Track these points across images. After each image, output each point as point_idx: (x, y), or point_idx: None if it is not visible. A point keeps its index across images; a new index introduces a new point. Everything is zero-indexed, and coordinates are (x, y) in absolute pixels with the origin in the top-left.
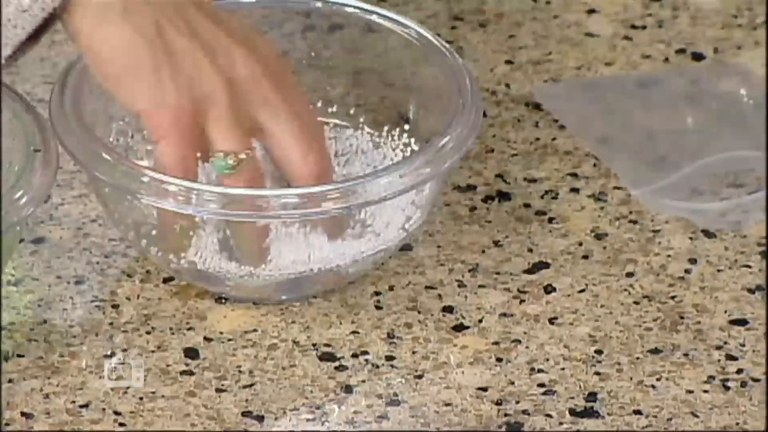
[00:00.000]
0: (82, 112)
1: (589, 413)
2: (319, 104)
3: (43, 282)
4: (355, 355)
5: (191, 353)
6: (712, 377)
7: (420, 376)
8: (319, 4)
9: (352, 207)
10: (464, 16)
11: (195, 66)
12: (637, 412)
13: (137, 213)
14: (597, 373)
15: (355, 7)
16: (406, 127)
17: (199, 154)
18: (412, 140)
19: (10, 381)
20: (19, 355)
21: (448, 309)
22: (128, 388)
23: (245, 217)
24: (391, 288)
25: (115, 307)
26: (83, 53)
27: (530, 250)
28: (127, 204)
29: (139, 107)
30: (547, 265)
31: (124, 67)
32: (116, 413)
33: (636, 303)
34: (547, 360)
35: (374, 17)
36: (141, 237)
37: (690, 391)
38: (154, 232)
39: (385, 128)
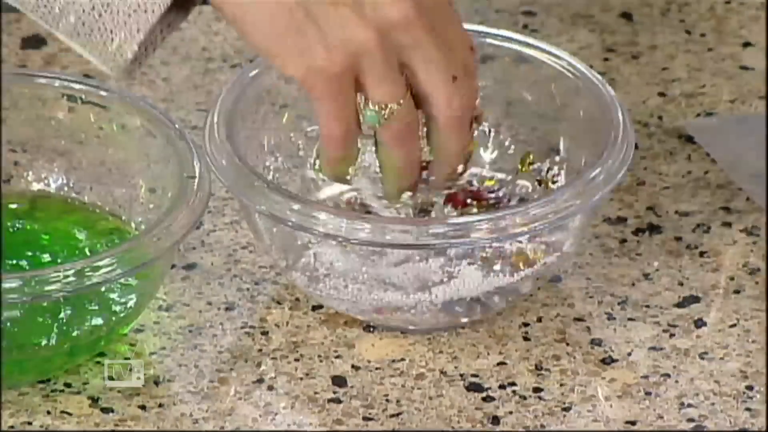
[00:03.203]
0: (234, 139)
1: None
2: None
3: (193, 308)
4: (502, 386)
5: (339, 381)
6: None
7: (567, 409)
8: (480, 33)
9: (501, 238)
10: (617, 48)
11: (341, 21)
12: None
13: (288, 240)
14: (748, 409)
15: (507, 38)
16: (557, 158)
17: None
18: (563, 171)
19: (160, 405)
20: (169, 380)
21: (596, 342)
22: (276, 414)
23: (394, 245)
24: (539, 319)
25: (265, 333)
26: (230, 23)
27: (681, 284)
28: (278, 231)
29: (292, 72)
30: (697, 299)
31: (271, 34)
32: None
33: None
34: (697, 395)
35: (527, 48)
36: (290, 265)
37: None
38: (303, 260)
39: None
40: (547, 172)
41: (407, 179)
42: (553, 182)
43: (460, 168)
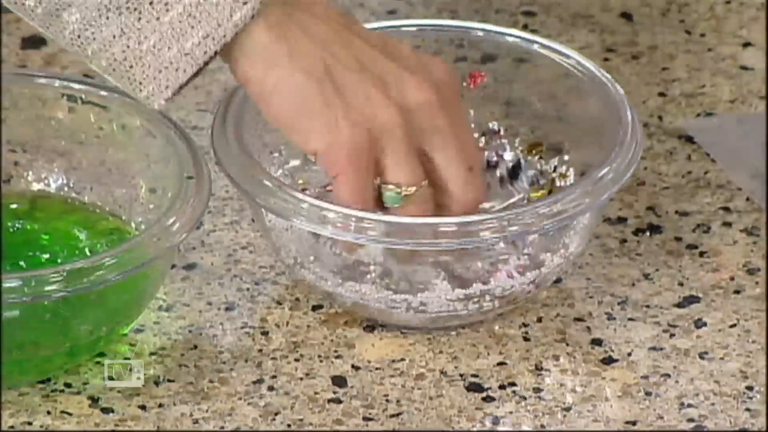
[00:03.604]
0: (243, 138)
1: None
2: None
3: (194, 308)
4: (502, 387)
5: (339, 381)
6: None
7: (567, 409)
8: (480, 33)
9: (509, 236)
10: (617, 48)
11: (367, 100)
12: None
13: (297, 239)
14: (748, 410)
15: (515, 36)
16: (565, 158)
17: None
18: (571, 171)
19: (160, 405)
20: (169, 380)
21: (596, 342)
22: (276, 414)
23: (403, 245)
24: (539, 320)
25: (265, 334)
26: (254, 99)
27: (681, 284)
28: (288, 230)
29: (314, 147)
30: (697, 299)
31: (297, 110)
32: None
33: None
34: (697, 395)
35: (535, 47)
36: (299, 263)
37: None
38: (312, 258)
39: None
40: (554, 171)
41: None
42: (562, 180)
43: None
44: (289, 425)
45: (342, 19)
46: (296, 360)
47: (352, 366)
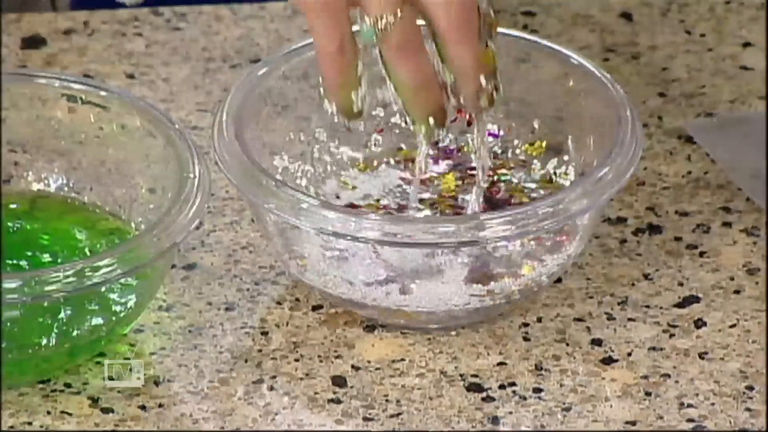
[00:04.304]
0: (243, 138)
1: None
2: None
3: (193, 308)
4: (502, 387)
5: (339, 381)
6: None
7: (568, 409)
8: None
9: (510, 236)
10: (617, 48)
11: None
12: None
13: (297, 240)
14: (748, 410)
15: (515, 36)
16: (565, 157)
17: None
18: (571, 170)
19: (160, 406)
20: (169, 380)
21: (596, 342)
22: (276, 414)
23: (405, 244)
24: (539, 319)
25: (265, 334)
26: None
27: (681, 284)
28: (288, 230)
29: None
30: (697, 300)
31: None
32: None
33: None
34: (697, 395)
35: (535, 47)
36: (300, 264)
37: None
38: (313, 258)
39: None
40: (554, 171)
41: (426, 99)
42: (562, 180)
43: (483, 82)
44: (289, 425)
45: None
46: (296, 360)
47: (352, 366)
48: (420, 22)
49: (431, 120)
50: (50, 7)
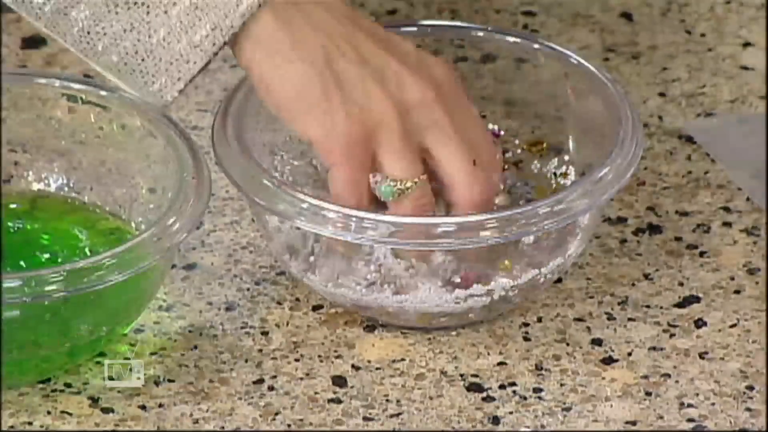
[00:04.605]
0: (243, 138)
1: None
2: None
3: (194, 308)
4: (502, 387)
5: (339, 381)
6: None
7: (568, 409)
8: (480, 33)
9: (510, 236)
10: (617, 48)
11: (365, 92)
12: None
13: (297, 240)
14: (748, 409)
15: (515, 36)
16: (565, 157)
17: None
18: (572, 170)
19: (160, 405)
20: (170, 380)
21: (597, 342)
22: (277, 414)
23: (403, 245)
24: (539, 319)
25: (265, 334)
26: (256, 85)
27: (681, 284)
28: (287, 230)
29: (311, 135)
30: (698, 299)
31: (296, 98)
32: None
33: None
34: (697, 395)
35: (535, 47)
36: (301, 264)
37: None
38: (311, 259)
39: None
40: (555, 171)
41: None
42: (562, 180)
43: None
44: (289, 425)
45: (347, 11)
46: (296, 360)
47: (352, 366)
48: None
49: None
50: None
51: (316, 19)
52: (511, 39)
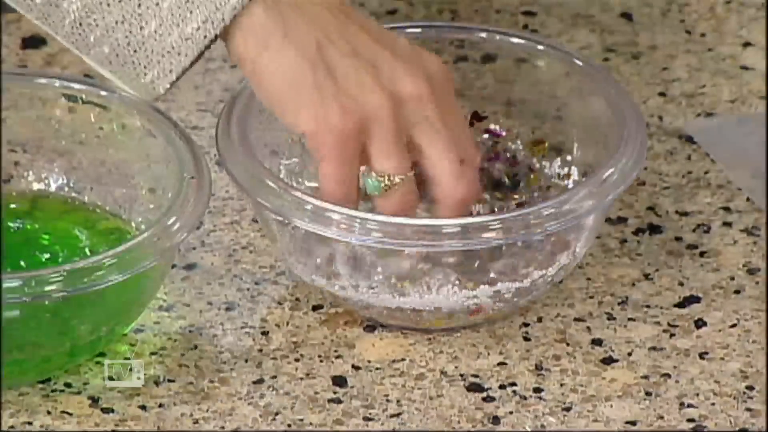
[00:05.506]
0: (247, 140)
1: None
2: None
3: (194, 308)
4: (502, 387)
5: (339, 381)
6: None
7: (568, 409)
8: (480, 33)
9: (514, 238)
10: (617, 48)
11: (358, 84)
12: None
13: (301, 241)
14: (748, 409)
15: (515, 36)
16: (568, 157)
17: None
18: (575, 170)
19: (160, 406)
20: (170, 380)
21: (597, 342)
22: (277, 414)
23: (407, 246)
24: (539, 319)
25: (265, 334)
26: (248, 77)
27: (681, 284)
28: (292, 231)
29: (303, 128)
30: (698, 300)
31: (287, 90)
32: None
33: None
34: (697, 395)
35: (537, 46)
36: (304, 265)
37: None
38: (318, 260)
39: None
40: (558, 171)
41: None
42: (565, 180)
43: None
44: (289, 425)
45: (340, 4)
46: (296, 360)
47: (353, 366)
48: None
49: None
50: None
51: (309, 11)
52: (511, 39)
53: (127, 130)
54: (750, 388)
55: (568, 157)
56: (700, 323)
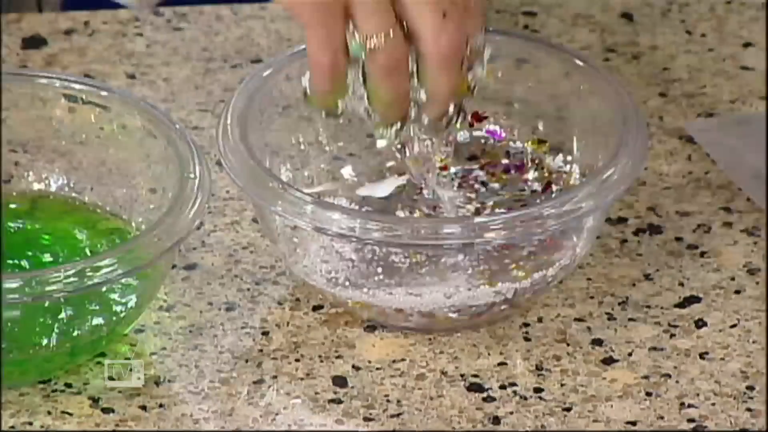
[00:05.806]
0: (248, 140)
1: None
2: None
3: (194, 308)
4: (503, 387)
5: (340, 381)
6: None
7: (568, 409)
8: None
9: (515, 237)
10: (617, 48)
11: None
12: None
13: (302, 241)
14: (749, 410)
15: (515, 36)
16: (569, 157)
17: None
18: (576, 170)
19: (161, 406)
20: (170, 381)
21: (597, 342)
22: (277, 414)
23: (408, 245)
24: (540, 320)
25: (265, 334)
26: None
27: (681, 284)
28: (293, 232)
29: None
30: (698, 300)
31: None
32: None
33: None
34: (698, 395)
35: (537, 46)
36: (305, 265)
37: None
38: (319, 259)
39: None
40: (558, 171)
41: (394, 112)
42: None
43: (452, 109)
44: (289, 425)
45: None
46: (297, 360)
47: (353, 366)
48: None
49: (392, 128)
50: (36, 8)
51: None
52: (512, 39)
53: (127, 130)
54: (750, 388)
55: (569, 157)
56: (700, 323)
